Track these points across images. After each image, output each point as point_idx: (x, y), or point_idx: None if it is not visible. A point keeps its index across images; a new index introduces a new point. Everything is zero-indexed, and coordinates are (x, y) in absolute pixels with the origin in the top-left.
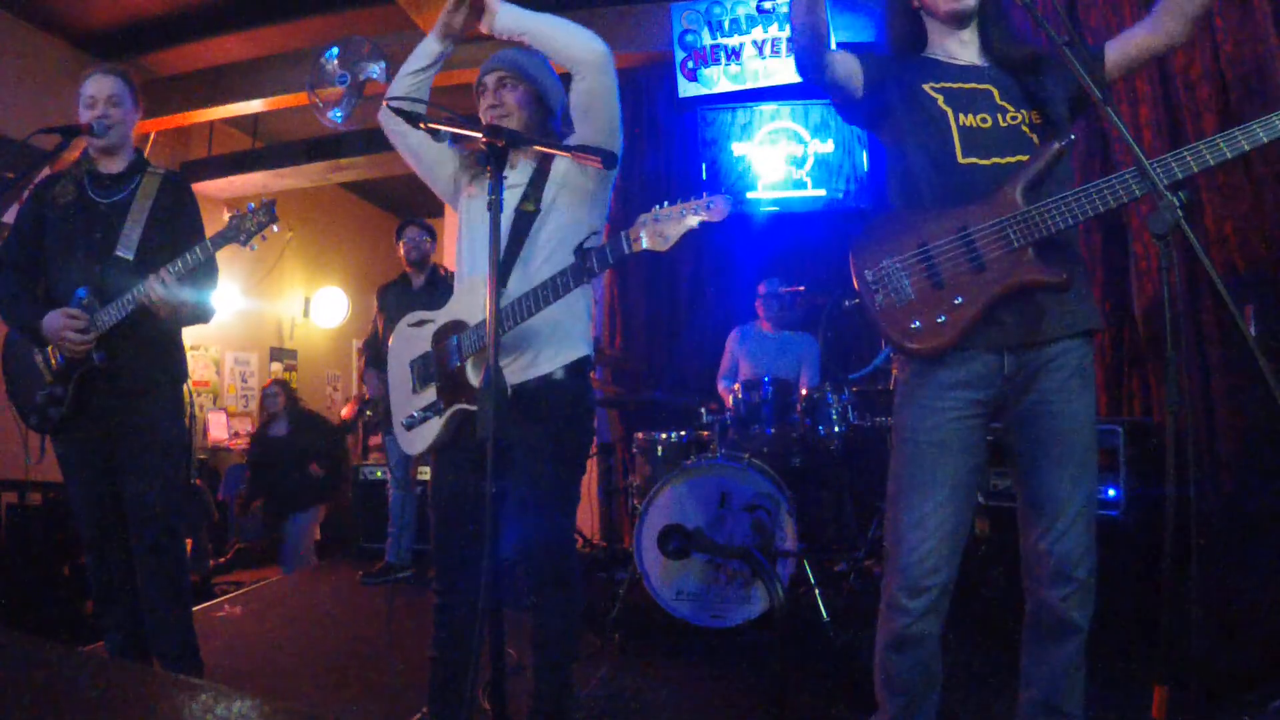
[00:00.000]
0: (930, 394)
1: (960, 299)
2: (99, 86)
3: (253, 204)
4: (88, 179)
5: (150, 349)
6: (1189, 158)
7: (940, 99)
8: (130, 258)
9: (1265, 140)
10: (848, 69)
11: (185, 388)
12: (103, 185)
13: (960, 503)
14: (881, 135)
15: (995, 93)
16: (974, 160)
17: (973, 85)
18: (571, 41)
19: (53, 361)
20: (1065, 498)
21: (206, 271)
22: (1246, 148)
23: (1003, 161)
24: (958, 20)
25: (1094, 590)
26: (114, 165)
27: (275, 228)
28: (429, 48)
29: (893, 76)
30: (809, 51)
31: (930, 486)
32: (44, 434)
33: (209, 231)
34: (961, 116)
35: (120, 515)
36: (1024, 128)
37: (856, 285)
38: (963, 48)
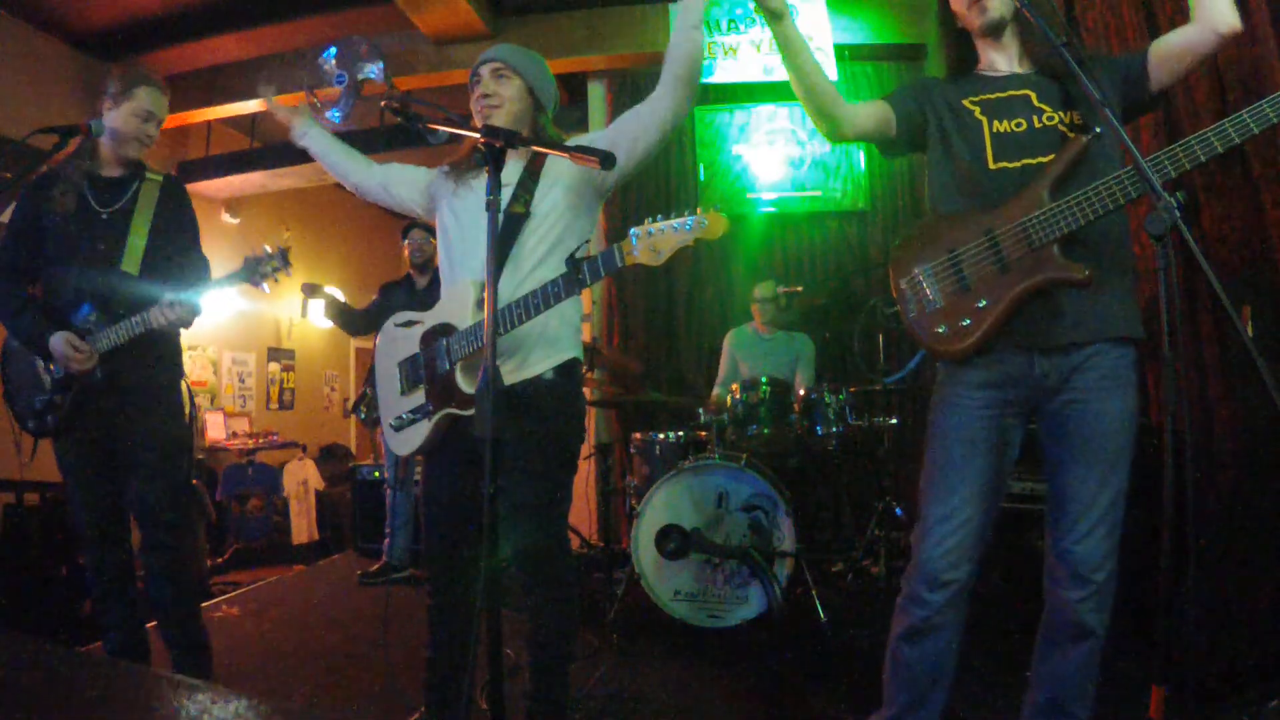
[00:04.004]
0: (960, 393)
1: (984, 301)
2: (160, 106)
3: (269, 247)
4: (87, 184)
5: (149, 354)
6: (1181, 154)
7: (977, 110)
8: (135, 272)
9: (1256, 130)
10: (874, 118)
11: (184, 385)
12: (101, 190)
13: (986, 500)
14: (926, 153)
15: (1033, 96)
16: (1004, 164)
17: (1010, 93)
18: (695, 78)
19: (54, 369)
20: (1090, 500)
21: (206, 285)
22: (1237, 140)
23: (1033, 162)
24: (991, 31)
25: (1112, 595)
26: (116, 170)
27: (288, 272)
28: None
29: (934, 99)
30: (820, 124)
31: (958, 483)
32: (40, 438)
33: (209, 232)
34: (996, 123)
35: (119, 515)
36: (1061, 127)
37: (895, 294)
38: (1005, 59)
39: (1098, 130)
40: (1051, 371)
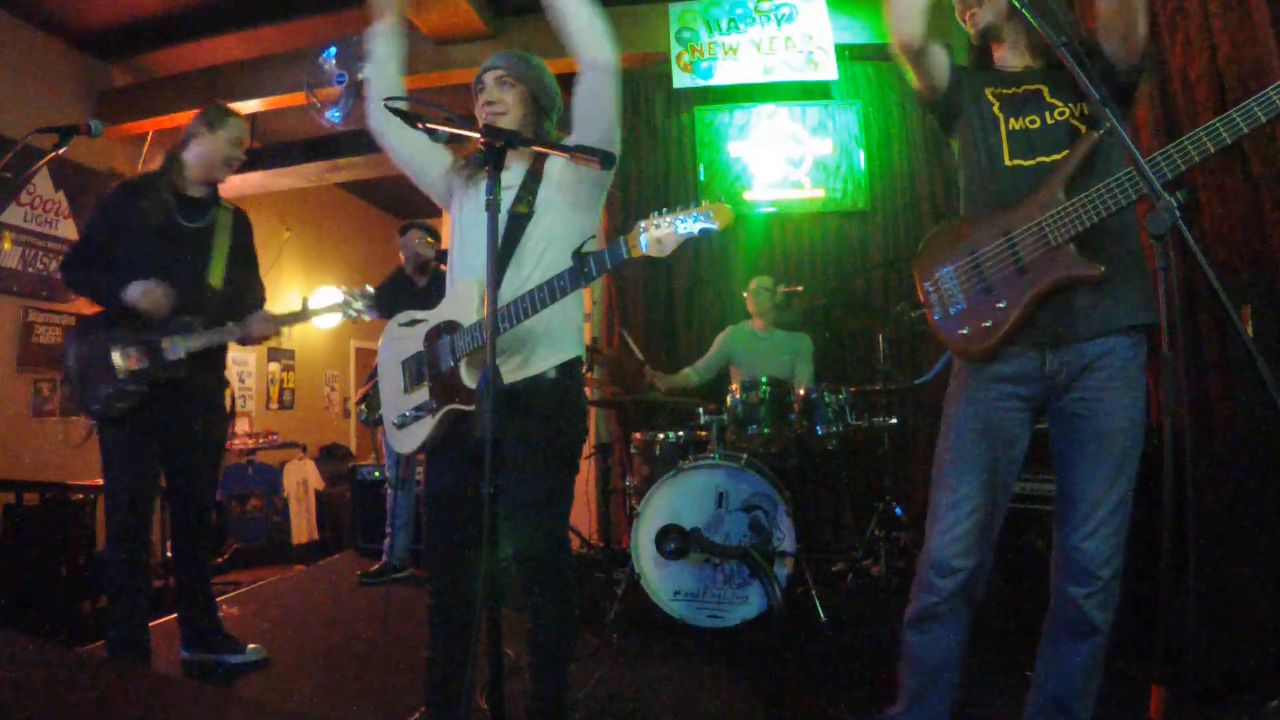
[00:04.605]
0: (975, 385)
1: (1004, 302)
2: (245, 132)
3: (358, 290)
4: (175, 201)
5: (213, 359)
6: (1190, 147)
7: (996, 105)
8: (219, 286)
9: (1264, 119)
10: (940, 59)
11: (229, 391)
12: (185, 207)
13: (996, 491)
14: (954, 140)
15: (1045, 90)
16: (1018, 162)
17: (1024, 88)
18: (591, 29)
19: (131, 363)
20: (1097, 497)
21: (298, 310)
22: (1246, 129)
23: (1046, 160)
24: (985, 37)
25: (1117, 593)
26: (198, 190)
27: (373, 314)
28: (378, 34)
29: (967, 84)
30: (909, 20)
31: (968, 472)
32: (101, 422)
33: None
34: (1012, 121)
35: (149, 510)
36: (1073, 121)
37: (920, 296)
38: (1016, 55)
39: (1107, 126)
40: (1063, 368)
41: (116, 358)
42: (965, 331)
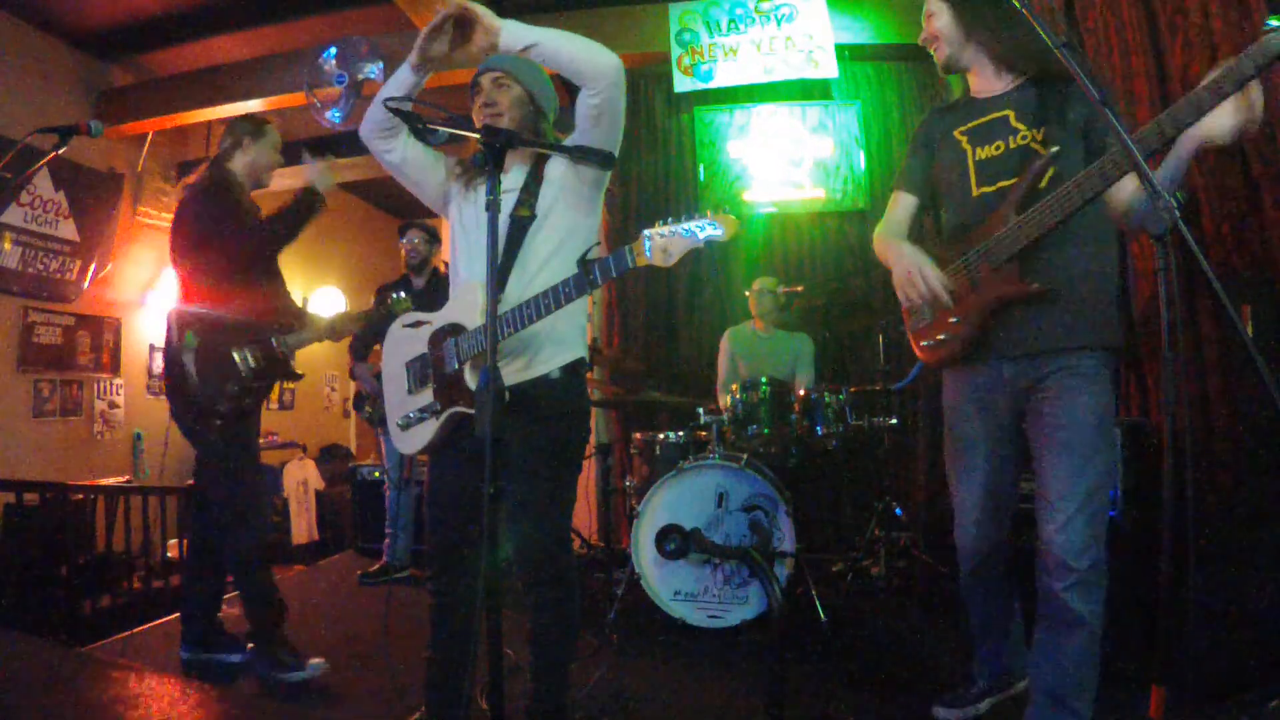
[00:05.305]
0: (954, 397)
1: (956, 318)
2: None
3: (395, 294)
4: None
5: None
6: (1165, 123)
7: (965, 140)
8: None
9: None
10: (910, 217)
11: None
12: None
13: (993, 489)
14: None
15: (1011, 115)
16: (984, 190)
17: (991, 116)
18: (584, 55)
19: (252, 362)
20: (1064, 491)
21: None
22: (1206, 109)
23: (1007, 185)
24: (947, 71)
25: (1098, 585)
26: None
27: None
28: (405, 78)
29: (934, 143)
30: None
31: (964, 475)
32: (224, 415)
33: None
34: (979, 150)
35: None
36: (1034, 145)
37: (904, 312)
38: (984, 81)
39: (1055, 150)
40: (1019, 376)
41: (237, 357)
42: (926, 344)
